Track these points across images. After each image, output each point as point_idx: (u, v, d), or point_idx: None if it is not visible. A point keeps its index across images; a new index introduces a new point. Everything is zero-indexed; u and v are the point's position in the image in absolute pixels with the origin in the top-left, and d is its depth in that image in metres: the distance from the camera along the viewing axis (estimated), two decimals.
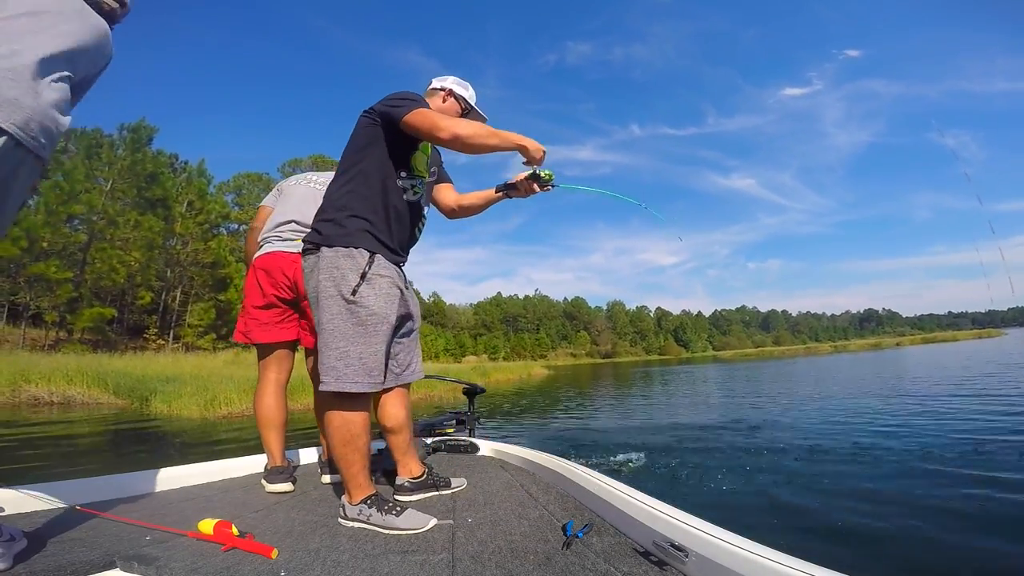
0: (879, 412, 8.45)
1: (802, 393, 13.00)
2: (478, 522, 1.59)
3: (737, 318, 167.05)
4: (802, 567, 0.95)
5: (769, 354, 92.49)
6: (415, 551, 1.34)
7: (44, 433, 7.92)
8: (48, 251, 22.88)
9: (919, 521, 3.35)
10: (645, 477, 4.93)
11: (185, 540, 1.40)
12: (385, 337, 1.62)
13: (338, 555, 1.31)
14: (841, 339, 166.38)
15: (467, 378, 22.71)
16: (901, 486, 4.17)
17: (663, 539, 1.23)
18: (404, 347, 1.87)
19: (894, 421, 7.40)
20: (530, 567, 1.22)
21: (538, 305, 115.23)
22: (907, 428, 6.75)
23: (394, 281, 1.65)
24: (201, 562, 1.24)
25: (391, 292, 1.63)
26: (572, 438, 7.45)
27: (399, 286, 1.69)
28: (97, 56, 1.34)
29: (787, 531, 3.32)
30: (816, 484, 4.33)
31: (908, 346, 79.54)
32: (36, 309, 24.16)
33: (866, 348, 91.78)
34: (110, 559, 1.22)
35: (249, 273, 2.30)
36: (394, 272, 1.68)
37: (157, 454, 6.69)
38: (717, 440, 6.69)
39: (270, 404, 2.23)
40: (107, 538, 1.42)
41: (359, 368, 1.55)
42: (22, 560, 1.20)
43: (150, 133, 31.98)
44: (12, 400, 10.81)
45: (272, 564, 1.25)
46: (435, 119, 1.59)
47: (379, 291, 1.60)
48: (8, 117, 1.05)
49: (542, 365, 53.30)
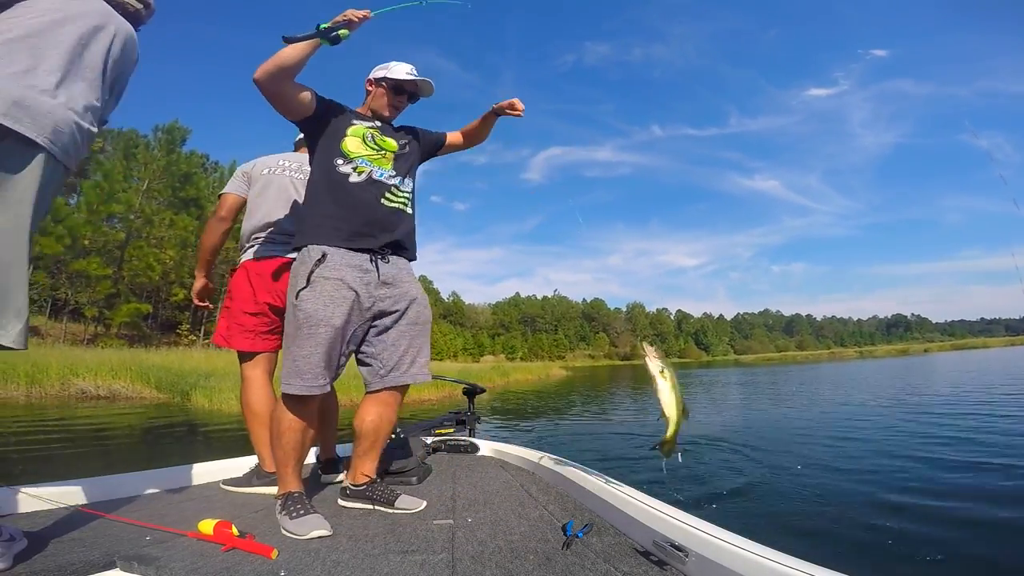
0: (893, 416, 8.32)
1: (816, 398, 12.78)
2: (478, 522, 1.59)
3: (760, 322, 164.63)
4: (802, 567, 0.95)
5: (792, 359, 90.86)
6: (415, 551, 1.34)
7: (94, 424, 8.29)
8: (89, 249, 23.73)
9: (922, 523, 3.32)
10: (646, 477, 4.90)
11: (185, 540, 1.40)
12: (324, 340, 1.61)
13: (338, 555, 1.31)
14: (867, 344, 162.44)
15: (488, 378, 22.67)
16: (908, 488, 4.12)
17: (663, 539, 1.23)
18: (387, 347, 1.78)
19: (907, 427, 7.26)
20: (530, 567, 1.22)
21: (556, 306, 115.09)
22: (921, 434, 6.62)
23: (343, 282, 1.65)
24: (201, 562, 1.24)
25: (336, 295, 1.63)
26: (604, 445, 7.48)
27: (352, 287, 1.67)
28: (125, 60, 1.35)
29: (788, 531, 3.32)
30: (820, 486, 4.29)
31: (937, 352, 77.31)
32: (76, 304, 25.10)
33: (893, 354, 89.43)
34: (110, 559, 1.22)
35: (240, 274, 2.17)
36: (348, 270, 1.67)
37: (207, 447, 6.96)
38: (728, 443, 6.67)
39: (263, 398, 2.10)
40: (107, 538, 1.41)
41: (291, 370, 1.62)
42: (22, 560, 1.20)
43: (183, 134, 32.97)
44: (62, 392, 11.27)
45: (272, 564, 1.24)
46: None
47: (319, 294, 1.61)
48: (37, 131, 1.08)
49: (560, 366, 53.32)
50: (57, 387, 11.28)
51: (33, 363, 11.32)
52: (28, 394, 10.89)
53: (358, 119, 1.89)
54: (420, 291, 1.88)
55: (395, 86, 1.95)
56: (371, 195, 1.78)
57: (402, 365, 1.79)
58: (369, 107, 1.98)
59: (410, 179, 1.94)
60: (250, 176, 2.27)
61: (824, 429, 7.47)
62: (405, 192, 1.89)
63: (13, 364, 11.02)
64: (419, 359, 1.83)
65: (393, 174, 1.86)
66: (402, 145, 1.93)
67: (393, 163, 1.87)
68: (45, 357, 12.30)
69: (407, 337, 1.80)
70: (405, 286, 1.82)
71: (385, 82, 1.96)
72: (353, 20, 1.59)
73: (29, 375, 11.06)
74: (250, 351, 2.13)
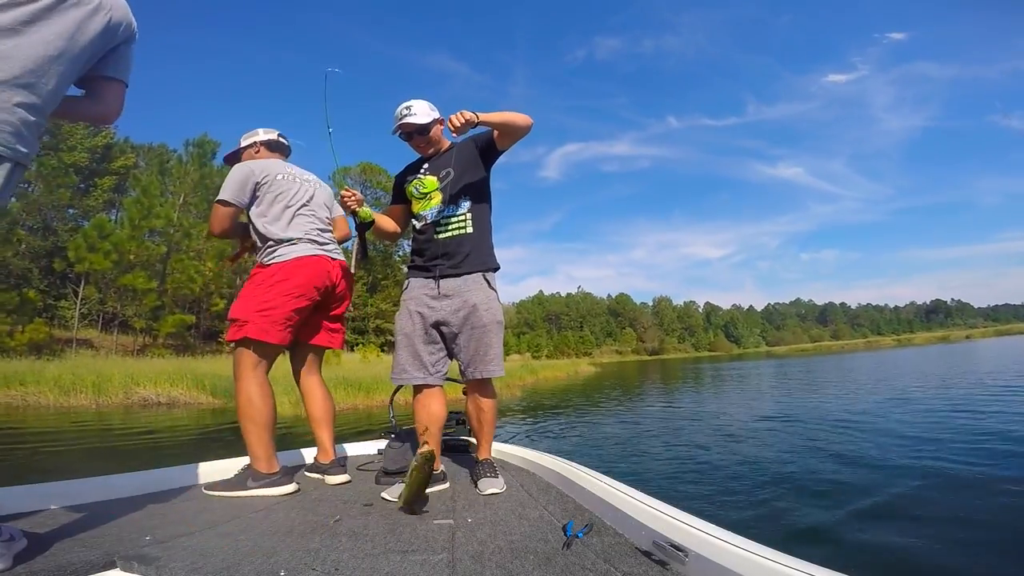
0: (918, 409, 8.19)
1: (847, 389, 12.57)
2: (478, 522, 1.59)
3: (792, 312, 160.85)
4: (802, 567, 0.94)
5: (827, 349, 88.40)
6: (415, 551, 1.34)
7: (154, 428, 8.74)
8: (133, 263, 24.74)
9: (925, 525, 3.29)
10: (648, 477, 4.92)
11: (185, 540, 1.40)
12: (404, 345, 2.10)
13: (338, 555, 1.30)
14: (906, 332, 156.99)
15: (518, 376, 22.79)
16: (914, 488, 4.08)
17: (663, 539, 1.23)
18: (461, 348, 2.10)
19: (929, 420, 7.15)
20: (530, 567, 1.22)
21: (581, 303, 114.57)
22: (933, 428, 6.50)
23: (413, 300, 2.13)
24: (201, 562, 1.24)
25: (405, 311, 2.14)
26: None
27: (419, 303, 2.11)
28: (100, 35, 1.24)
29: (788, 531, 3.33)
30: (827, 486, 4.28)
31: (979, 339, 74.16)
32: (124, 317, 26.20)
33: (932, 341, 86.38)
34: (110, 559, 1.22)
35: (289, 266, 2.15)
36: (418, 291, 2.14)
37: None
38: (736, 439, 6.65)
39: (266, 397, 2.09)
40: (107, 538, 1.41)
41: (394, 367, 2.13)
42: (22, 560, 1.20)
43: (213, 148, 33.82)
44: (125, 401, 11.87)
45: (272, 564, 1.24)
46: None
47: (400, 313, 2.16)
48: None
49: (588, 363, 53.16)
50: (121, 396, 11.89)
51: (98, 374, 11.97)
52: (97, 403, 11.51)
53: (410, 173, 2.27)
54: (484, 298, 2.10)
55: (401, 136, 2.23)
56: (428, 235, 2.17)
57: (477, 361, 2.08)
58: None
59: (466, 199, 2.16)
60: (255, 184, 2.21)
61: (842, 424, 7.34)
62: (458, 216, 2.15)
63: (81, 376, 11.70)
64: (488, 356, 2.08)
65: (441, 208, 2.16)
66: (442, 176, 2.18)
67: (441, 198, 2.16)
68: (109, 368, 12.98)
69: (473, 339, 2.07)
70: (467, 295, 2.08)
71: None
72: (350, 204, 2.11)
73: (96, 385, 11.70)
74: (280, 344, 2.11)
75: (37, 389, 11.42)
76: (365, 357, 26.94)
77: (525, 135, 2.11)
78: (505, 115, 1.99)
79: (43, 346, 19.63)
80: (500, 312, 2.14)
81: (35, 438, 7.74)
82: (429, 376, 2.07)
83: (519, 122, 2.03)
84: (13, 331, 19.48)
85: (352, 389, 12.97)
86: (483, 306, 2.07)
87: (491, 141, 2.14)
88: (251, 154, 2.44)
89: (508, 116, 2.00)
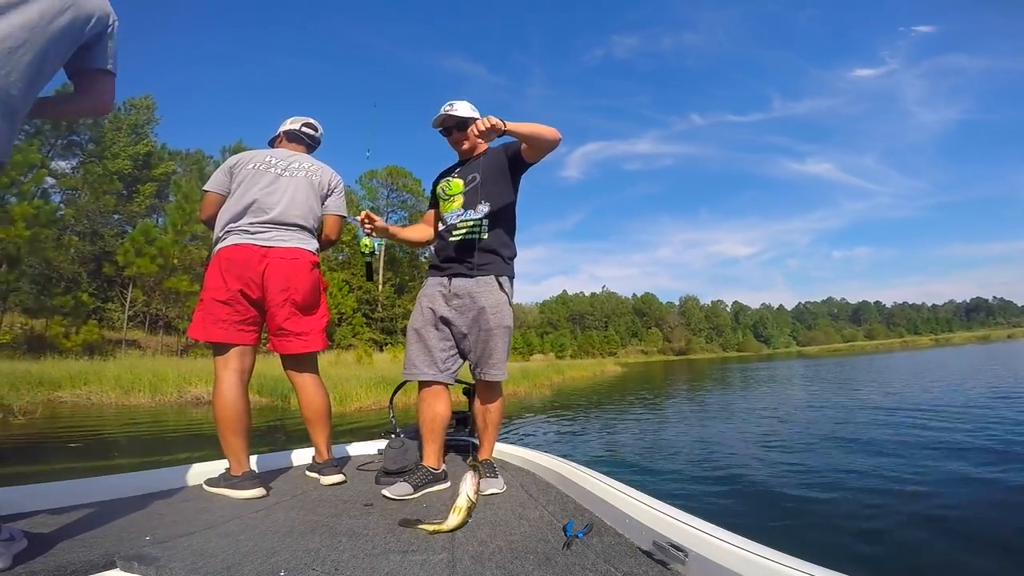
0: (926, 411, 8.06)
1: (866, 390, 12.39)
2: (478, 522, 1.59)
3: (823, 311, 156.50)
4: (802, 567, 0.95)
5: (860, 349, 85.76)
6: (415, 551, 1.34)
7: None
8: (177, 267, 25.79)
9: (925, 525, 3.29)
10: (651, 478, 4.94)
11: (185, 540, 1.41)
12: (415, 341, 2.13)
13: (338, 555, 1.31)
14: (944, 331, 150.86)
15: (544, 375, 22.83)
16: (915, 488, 4.07)
17: (663, 539, 1.23)
18: (443, 348, 2.13)
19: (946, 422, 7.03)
20: (530, 567, 1.23)
21: (605, 302, 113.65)
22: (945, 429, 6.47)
23: (424, 298, 2.18)
24: (201, 562, 1.24)
25: (418, 307, 2.19)
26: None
27: (432, 301, 2.15)
28: (70, 26, 1.20)
29: (788, 531, 3.34)
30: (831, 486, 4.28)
31: (1022, 338, 70.91)
32: (168, 319, 27.35)
33: (972, 341, 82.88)
34: (110, 559, 1.23)
35: (213, 263, 2.11)
36: (433, 289, 2.17)
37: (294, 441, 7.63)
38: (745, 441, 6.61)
39: (233, 401, 2.03)
40: (107, 538, 1.41)
41: (405, 363, 2.17)
42: (22, 560, 1.19)
43: None
44: (179, 399, 12.48)
45: (272, 564, 1.24)
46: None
47: (416, 308, 2.21)
48: None
49: (614, 362, 52.91)
50: (175, 395, 12.51)
51: (155, 373, 12.62)
52: (153, 401, 12.13)
53: (443, 176, 2.35)
54: (493, 301, 2.09)
55: (442, 131, 2.33)
56: (445, 237, 2.23)
57: (482, 364, 2.12)
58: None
59: (485, 204, 2.17)
60: (232, 171, 2.23)
61: (856, 425, 7.29)
62: (472, 220, 2.18)
63: (139, 375, 12.34)
64: (491, 359, 2.11)
65: (461, 211, 2.21)
66: (468, 180, 2.23)
67: (462, 201, 2.22)
68: (163, 368, 13.65)
69: (480, 341, 2.10)
70: (476, 297, 2.10)
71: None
72: (366, 227, 2.15)
73: (152, 384, 12.34)
74: (225, 342, 2.05)
75: (100, 388, 12.14)
76: (396, 356, 27.48)
77: (553, 149, 2.08)
78: (532, 126, 1.94)
79: (96, 347, 20.67)
80: (509, 317, 2.12)
81: (116, 431, 8.26)
82: (439, 373, 2.09)
83: (546, 135, 1.99)
84: (69, 333, 20.59)
85: (389, 387, 13.41)
86: (491, 309, 2.08)
87: (519, 152, 2.14)
88: (276, 144, 2.49)
89: (535, 128, 1.95)
